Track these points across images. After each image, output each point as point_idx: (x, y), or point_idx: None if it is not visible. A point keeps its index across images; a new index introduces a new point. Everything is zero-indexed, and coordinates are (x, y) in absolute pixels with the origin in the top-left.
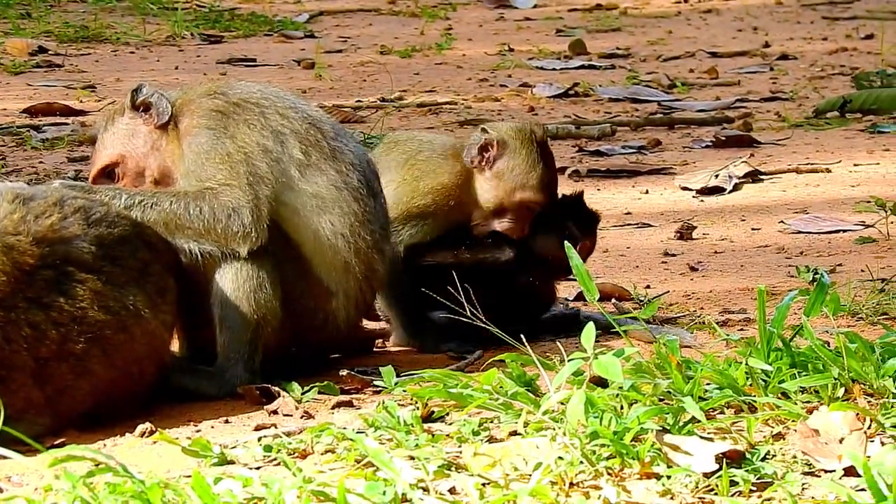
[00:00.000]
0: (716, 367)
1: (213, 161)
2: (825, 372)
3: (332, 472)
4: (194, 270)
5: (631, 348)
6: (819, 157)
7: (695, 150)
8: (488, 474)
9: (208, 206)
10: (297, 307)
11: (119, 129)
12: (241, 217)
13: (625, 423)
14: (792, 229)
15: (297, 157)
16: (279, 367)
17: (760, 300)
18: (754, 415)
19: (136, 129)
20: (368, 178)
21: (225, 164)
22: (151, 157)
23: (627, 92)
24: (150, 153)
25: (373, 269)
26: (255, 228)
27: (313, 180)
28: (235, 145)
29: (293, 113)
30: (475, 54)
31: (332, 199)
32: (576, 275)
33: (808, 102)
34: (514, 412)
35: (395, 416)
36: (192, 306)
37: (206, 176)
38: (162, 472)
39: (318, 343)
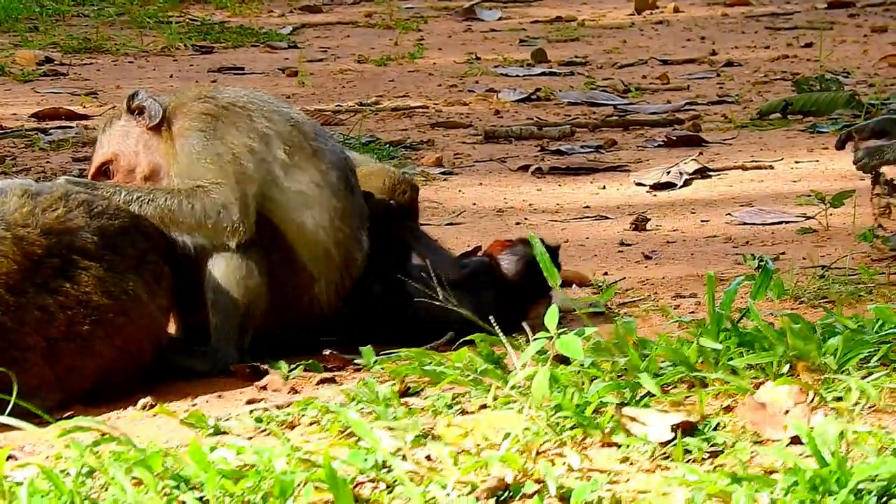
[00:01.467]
0: (669, 346)
1: (204, 161)
2: (771, 350)
3: (317, 441)
4: (188, 259)
5: (591, 328)
6: (763, 155)
7: (648, 149)
8: (461, 444)
9: (199, 203)
10: (283, 292)
11: (115, 131)
12: (230, 213)
13: (586, 397)
14: (738, 221)
15: (281, 158)
16: (268, 347)
17: (710, 285)
18: (706, 389)
19: (129, 130)
20: (347, 174)
21: (215, 164)
22: (142, 156)
23: (585, 96)
24: (142, 152)
25: (352, 257)
26: (244, 223)
27: (296, 178)
28: (225, 146)
29: (277, 116)
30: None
31: (314, 196)
32: (539, 262)
33: (753, 105)
34: (483, 387)
35: (375, 391)
36: (187, 292)
37: (197, 175)
38: (162, 441)
39: (303, 325)
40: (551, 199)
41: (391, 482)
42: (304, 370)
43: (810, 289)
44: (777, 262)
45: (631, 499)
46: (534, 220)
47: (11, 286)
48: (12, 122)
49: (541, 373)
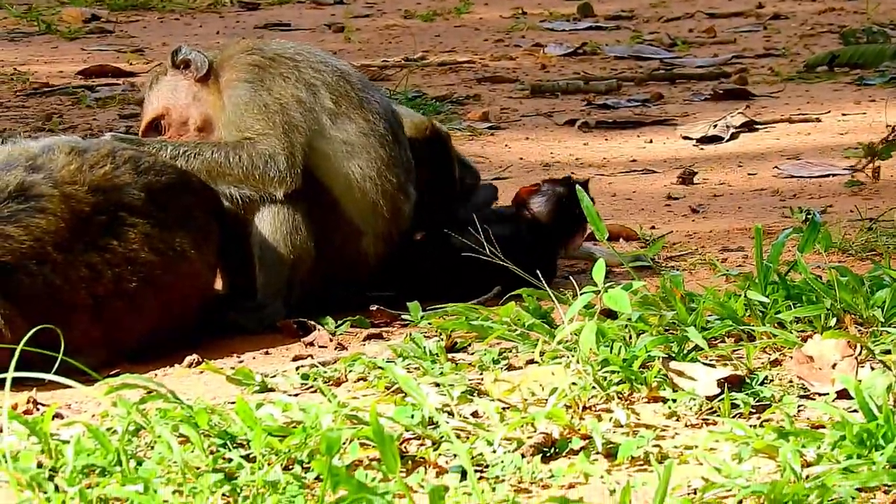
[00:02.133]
0: (717, 300)
1: (252, 112)
2: (818, 303)
3: (364, 398)
4: (235, 214)
5: (638, 282)
6: (810, 108)
7: (695, 103)
8: (508, 399)
9: (247, 154)
10: (330, 246)
11: (163, 86)
12: (276, 163)
13: (633, 351)
14: (785, 174)
15: (328, 107)
16: (315, 302)
17: (757, 238)
18: (753, 343)
19: (178, 84)
20: (394, 126)
21: (262, 114)
22: (193, 108)
23: (632, 50)
24: (192, 104)
25: (399, 209)
26: (290, 173)
27: (343, 128)
28: (272, 97)
29: (324, 66)
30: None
31: (361, 145)
32: (586, 215)
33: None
34: (530, 342)
35: (422, 346)
36: (234, 247)
37: (245, 126)
38: (208, 398)
39: (350, 279)
40: (598, 154)
41: (437, 438)
42: (351, 326)
43: (858, 241)
44: (824, 214)
45: (677, 454)
46: (580, 174)
47: (59, 244)
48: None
49: (588, 327)
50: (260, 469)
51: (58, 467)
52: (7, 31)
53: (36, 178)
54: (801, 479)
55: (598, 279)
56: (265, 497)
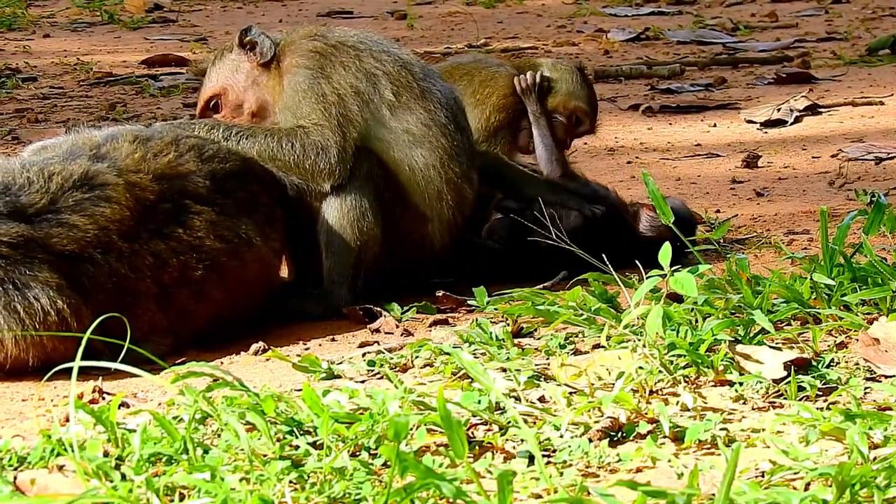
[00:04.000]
0: (783, 283)
1: (309, 100)
2: (884, 285)
3: (430, 383)
4: (301, 201)
5: (704, 265)
6: (872, 92)
7: (758, 87)
8: (574, 384)
9: (300, 142)
10: (396, 232)
11: (225, 65)
12: (328, 155)
13: (700, 334)
14: (849, 156)
15: (388, 98)
16: (381, 288)
17: (823, 221)
18: (819, 326)
19: (240, 65)
20: (455, 114)
21: (319, 104)
22: (251, 92)
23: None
24: (250, 87)
25: (463, 196)
26: (340, 167)
27: (404, 118)
28: (331, 86)
29: (386, 56)
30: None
31: (423, 135)
32: (651, 199)
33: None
34: (597, 327)
35: (488, 332)
36: (300, 234)
37: (301, 114)
38: (275, 386)
39: (417, 264)
40: (662, 138)
41: (505, 424)
42: (417, 312)
43: None
44: (889, 197)
45: (745, 437)
46: (645, 158)
47: (124, 232)
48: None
49: (654, 311)
50: (327, 456)
51: (124, 456)
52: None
53: (100, 167)
54: (868, 461)
55: (665, 263)
56: (332, 484)
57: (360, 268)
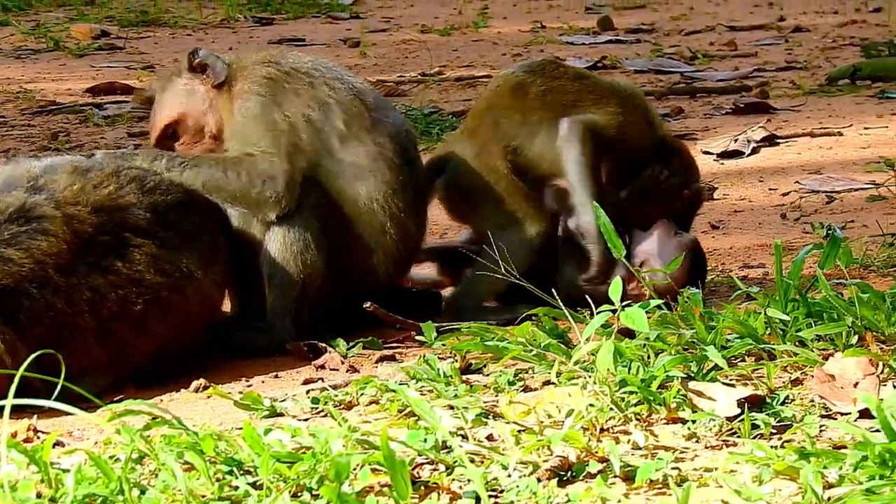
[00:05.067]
0: (736, 318)
1: (259, 127)
2: (839, 321)
3: (376, 421)
4: (244, 231)
5: (656, 300)
6: (831, 122)
7: (715, 117)
8: (523, 421)
9: (246, 171)
10: (340, 265)
11: (177, 90)
12: (276, 185)
13: (651, 371)
14: (807, 189)
15: (338, 128)
16: (325, 323)
17: (777, 255)
18: (773, 362)
19: (194, 88)
20: (405, 147)
21: (270, 131)
22: (210, 115)
23: (652, 64)
24: (209, 111)
25: (407, 230)
26: (287, 197)
27: (352, 149)
28: (281, 114)
29: (339, 84)
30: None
31: (369, 168)
32: (602, 231)
33: (821, 71)
34: (547, 363)
35: (435, 368)
36: (243, 266)
37: (250, 141)
38: (215, 424)
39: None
40: None
41: (451, 463)
42: (363, 348)
43: (879, 257)
44: (846, 230)
45: (697, 476)
46: None
47: (61, 266)
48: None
49: (605, 347)
50: (267, 496)
51: (58, 497)
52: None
53: (37, 199)
54: (822, 501)
55: (615, 297)
56: None
57: (305, 301)
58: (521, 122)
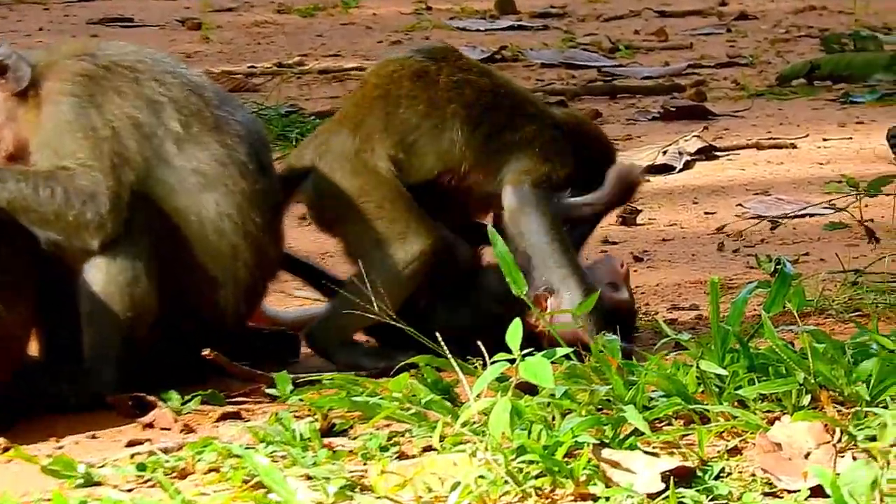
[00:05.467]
0: (662, 372)
1: (75, 135)
2: (788, 376)
3: (215, 493)
4: (58, 260)
5: (563, 349)
6: (783, 131)
7: (640, 123)
8: (398, 496)
9: (62, 188)
10: (178, 301)
11: None
12: (97, 204)
13: (557, 435)
14: (751, 213)
15: (174, 130)
16: (156, 372)
17: (714, 294)
18: (707, 426)
19: None
20: (258, 150)
21: (88, 139)
22: (6, 129)
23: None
24: (5, 124)
25: (264, 254)
26: (112, 219)
27: (194, 155)
28: (102, 118)
29: (172, 78)
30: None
31: (216, 177)
32: (500, 263)
33: (771, 69)
34: (428, 424)
35: (290, 429)
36: (54, 301)
37: (64, 152)
38: (18, 493)
39: (203, 342)
40: None
41: None
42: (202, 402)
43: (839, 299)
44: (798, 265)
45: None
46: None
47: None
48: None
49: (500, 405)
50: None
51: None
52: None
53: None
54: None
55: (514, 345)
56: None
57: (131, 345)
58: (424, 113)
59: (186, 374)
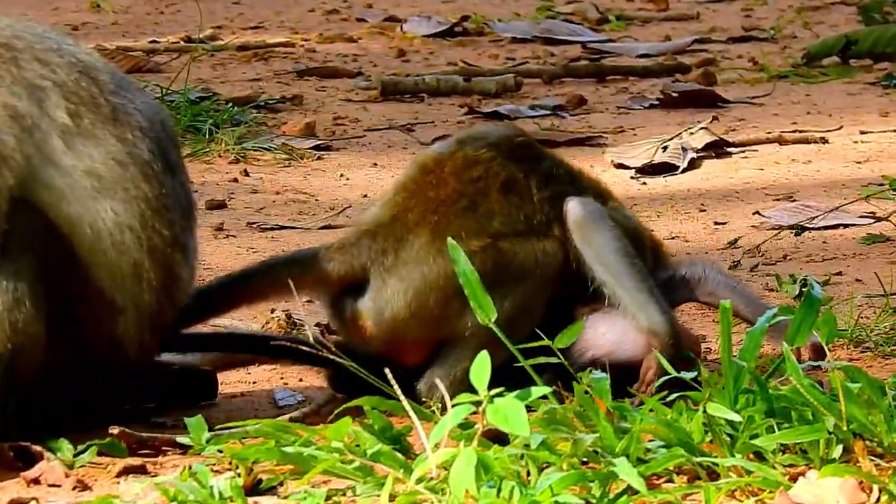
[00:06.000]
0: (661, 417)
1: None
2: (816, 423)
3: None
4: None
5: (542, 388)
6: (811, 122)
7: (634, 112)
8: None
9: None
10: (70, 329)
11: None
12: None
13: (532, 494)
14: (771, 223)
15: (61, 122)
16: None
17: (725, 322)
18: (716, 483)
19: None
20: (165, 146)
21: None
22: None
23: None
24: None
25: (173, 273)
26: None
27: (86, 153)
28: None
29: (57, 58)
30: None
31: (114, 179)
32: (464, 285)
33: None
34: (375, 480)
35: (207, 485)
36: None
37: None
38: None
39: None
40: None
41: None
42: (99, 454)
43: (880, 328)
44: (829, 286)
45: None
46: None
47: None
48: None
49: (463, 457)
50: None
51: None
52: None
53: None
54: None
55: (479, 384)
56: None
57: (12, 383)
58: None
59: (81, 418)
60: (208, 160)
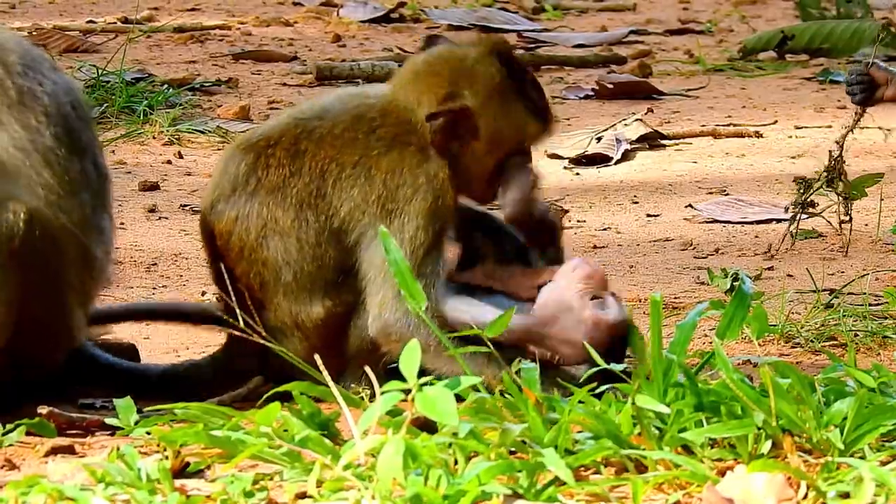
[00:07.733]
0: (590, 409)
1: None
2: (745, 418)
3: None
4: None
5: (470, 378)
6: (746, 116)
7: (569, 103)
8: None
9: None
10: None
11: None
12: None
13: (459, 483)
14: (704, 217)
15: None
16: None
17: (655, 315)
18: (643, 476)
19: None
20: (72, 128)
21: None
22: None
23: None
24: None
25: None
26: None
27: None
28: None
29: None
30: None
31: (16, 168)
32: (395, 273)
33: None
34: (302, 465)
35: (135, 467)
36: None
37: None
38: None
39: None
40: None
41: None
42: (27, 433)
43: (809, 324)
44: (760, 281)
45: None
46: None
47: None
48: None
49: (391, 444)
50: None
51: None
52: None
53: None
54: None
55: (409, 372)
56: None
57: None
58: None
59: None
60: (142, 142)
